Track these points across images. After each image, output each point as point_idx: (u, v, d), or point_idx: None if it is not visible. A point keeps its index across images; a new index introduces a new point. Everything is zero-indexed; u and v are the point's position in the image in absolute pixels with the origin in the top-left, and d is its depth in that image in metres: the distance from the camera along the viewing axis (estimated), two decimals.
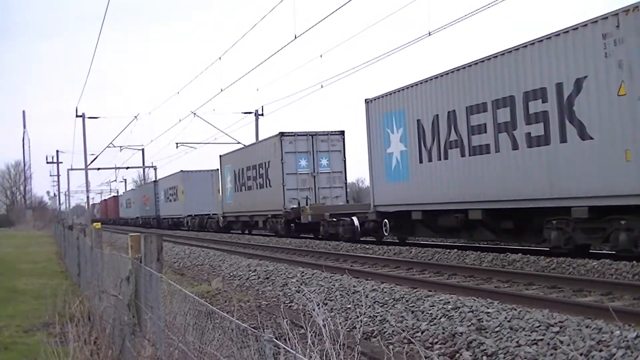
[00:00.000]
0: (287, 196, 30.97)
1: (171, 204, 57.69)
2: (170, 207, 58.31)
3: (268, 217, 33.37)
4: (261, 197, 33.93)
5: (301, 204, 30.53)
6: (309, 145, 31.53)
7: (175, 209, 56.06)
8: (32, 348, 8.68)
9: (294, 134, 31.37)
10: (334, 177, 31.98)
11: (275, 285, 14.74)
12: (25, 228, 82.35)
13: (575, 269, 13.43)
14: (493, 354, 7.54)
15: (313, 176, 31.52)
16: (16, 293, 15.47)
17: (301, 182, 31.37)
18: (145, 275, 5.90)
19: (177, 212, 55.24)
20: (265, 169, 33.42)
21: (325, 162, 31.80)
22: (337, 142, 32.12)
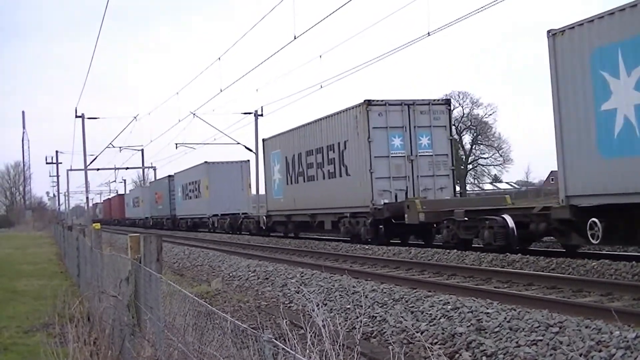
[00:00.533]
0: (377, 187, 23.31)
1: (191, 201, 49.49)
2: (189, 206, 50.08)
3: (343, 216, 25.49)
4: (331, 190, 26.21)
5: (398, 198, 23.16)
6: (404, 118, 23.80)
7: (196, 207, 47.97)
8: (32, 349, 8.68)
9: (384, 102, 23.62)
10: (438, 161, 24.23)
11: (275, 286, 14.74)
12: (25, 229, 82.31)
13: (574, 270, 13.43)
14: (492, 354, 7.55)
15: (410, 160, 23.84)
16: (16, 294, 15.47)
17: (395, 169, 23.70)
18: (145, 276, 5.90)
19: (198, 211, 47.21)
20: (339, 152, 25.49)
21: (425, 142, 24.08)
22: (442, 114, 24.32)
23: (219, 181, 44.22)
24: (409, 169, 23.83)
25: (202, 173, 45.75)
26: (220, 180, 44.22)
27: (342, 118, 25.27)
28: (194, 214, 48.98)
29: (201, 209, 46.37)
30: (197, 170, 47.49)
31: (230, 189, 43.92)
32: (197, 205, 47.42)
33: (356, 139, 24.05)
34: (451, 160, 24.62)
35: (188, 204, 50.50)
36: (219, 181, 44.20)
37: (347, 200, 24.81)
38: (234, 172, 44.59)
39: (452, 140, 24.62)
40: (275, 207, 32.86)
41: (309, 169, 28.53)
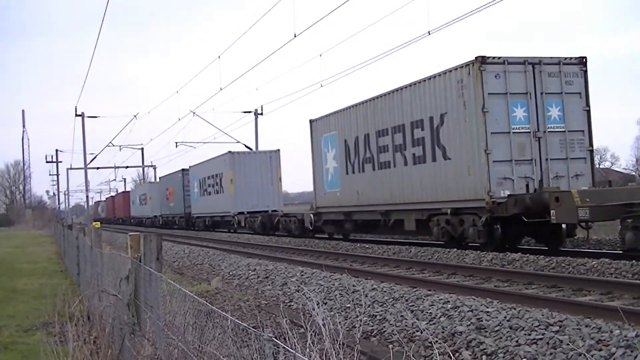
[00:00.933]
0: (495, 175, 17.70)
1: (210, 198, 43.21)
2: (209, 203, 43.51)
3: (437, 213, 19.92)
4: (417, 179, 20.81)
5: (530, 188, 17.80)
6: (528, 82, 18.11)
7: (217, 204, 41.54)
8: (32, 348, 8.68)
9: (502, 59, 17.92)
10: (572, 140, 18.54)
11: (275, 285, 14.74)
12: (25, 227, 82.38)
13: (574, 268, 13.43)
14: (492, 353, 7.55)
15: (537, 138, 18.22)
16: (16, 293, 15.47)
17: (518, 149, 18.04)
18: (145, 275, 5.90)
19: (220, 208, 40.92)
20: (432, 130, 19.82)
21: (556, 114, 18.41)
22: (575, 77, 18.56)
23: (245, 174, 38.31)
24: (536, 149, 18.14)
25: (226, 165, 39.27)
26: (247, 172, 38.38)
27: (436, 85, 19.49)
28: (213, 212, 42.72)
29: (224, 206, 40.05)
30: (218, 161, 40.90)
31: (259, 183, 38.31)
32: (219, 201, 41.17)
33: (461, 111, 18.37)
34: (588, 139, 18.73)
35: (207, 200, 44.14)
36: (246, 174, 38.32)
37: (445, 193, 19.31)
38: (262, 163, 38.65)
39: (589, 111, 18.72)
40: (327, 202, 26.64)
41: (382, 153, 22.59)
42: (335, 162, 26.19)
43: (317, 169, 27.93)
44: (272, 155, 39.20)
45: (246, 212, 37.73)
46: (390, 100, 22.06)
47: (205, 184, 44.34)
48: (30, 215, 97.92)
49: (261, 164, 38.79)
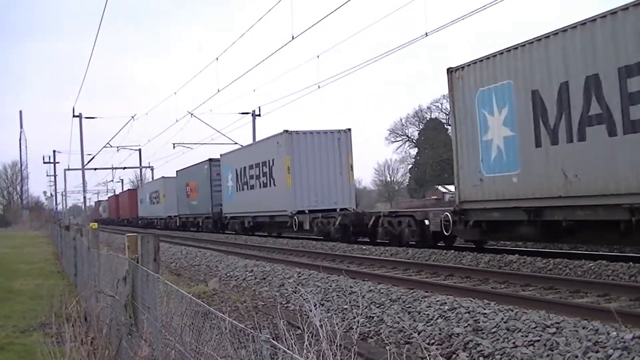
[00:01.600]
0: None
1: (254, 193, 33.82)
2: (251, 199, 34.37)
3: None
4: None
5: None
6: None
7: (265, 200, 32.29)
8: (29, 348, 8.67)
9: None
10: None
11: (272, 286, 14.74)
12: (22, 228, 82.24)
13: (572, 270, 13.45)
14: (490, 354, 7.55)
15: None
16: (13, 293, 15.45)
17: None
18: (142, 276, 5.90)
19: (269, 206, 31.76)
20: None
21: None
22: None
23: (307, 160, 29.64)
24: None
25: (280, 149, 30.19)
26: (309, 159, 29.66)
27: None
28: (258, 211, 33.72)
29: (274, 203, 31.09)
30: (268, 145, 31.97)
31: (324, 173, 29.77)
32: (267, 197, 32.08)
33: None
34: None
35: (247, 196, 35.15)
36: (307, 160, 29.64)
37: None
38: (328, 146, 29.83)
39: None
40: (482, 194, 16.59)
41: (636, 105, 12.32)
42: (508, 130, 15.76)
43: (465, 143, 17.38)
44: (340, 137, 30.01)
45: (307, 211, 28.95)
46: None
47: (246, 176, 35.11)
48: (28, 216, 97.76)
49: (327, 147, 29.77)
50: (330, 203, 29.46)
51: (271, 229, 34.24)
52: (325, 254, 21.21)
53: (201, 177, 44.39)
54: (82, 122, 51.33)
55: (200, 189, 44.83)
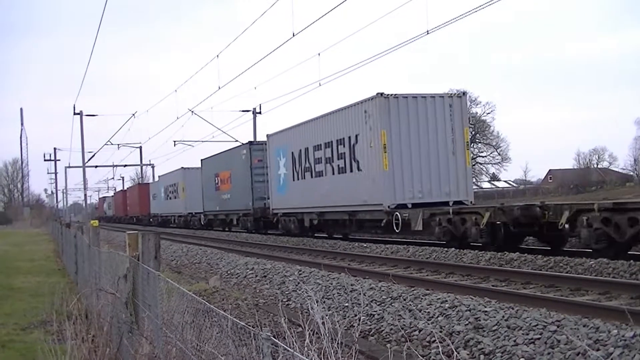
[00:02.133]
0: None
1: (320, 182, 26.37)
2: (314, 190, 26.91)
3: None
4: None
5: None
6: None
7: (339, 192, 24.76)
8: (30, 346, 8.67)
9: None
10: None
11: (273, 284, 14.74)
12: (23, 226, 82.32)
13: (572, 268, 13.44)
14: (490, 352, 7.55)
15: None
16: (13, 291, 15.46)
17: None
18: (143, 273, 5.90)
19: (350, 198, 24.00)
20: None
21: None
22: None
23: (407, 135, 21.90)
24: None
25: (369, 120, 22.33)
26: (411, 133, 21.95)
27: None
28: (328, 205, 25.97)
29: (359, 195, 23.23)
30: (348, 117, 23.80)
31: (434, 153, 22.18)
32: (345, 187, 24.27)
33: None
34: None
35: (311, 186, 27.21)
36: (409, 135, 21.92)
37: None
38: (437, 116, 22.21)
39: None
40: None
41: None
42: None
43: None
44: (453, 103, 22.42)
45: (409, 205, 21.59)
46: None
47: (308, 159, 27.52)
48: (29, 213, 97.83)
49: (435, 117, 22.22)
50: (440, 194, 22.02)
51: (347, 228, 26.30)
52: (326, 252, 21.21)
53: (237, 165, 36.56)
54: (82, 119, 51.29)
55: (236, 180, 36.84)
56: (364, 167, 23.15)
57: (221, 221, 42.17)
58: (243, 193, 35.70)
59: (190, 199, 48.52)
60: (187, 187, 49.66)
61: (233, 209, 38.15)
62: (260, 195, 34.30)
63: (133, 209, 72.64)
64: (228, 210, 39.25)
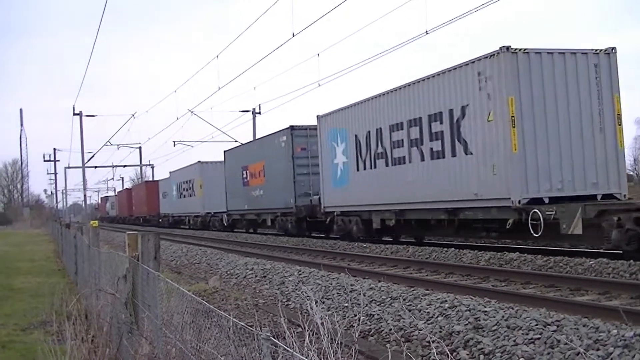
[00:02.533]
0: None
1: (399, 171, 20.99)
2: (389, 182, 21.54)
3: None
4: None
5: None
6: None
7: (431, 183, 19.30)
8: (30, 346, 8.67)
9: None
10: None
11: (273, 284, 14.74)
12: (23, 226, 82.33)
13: (572, 268, 13.44)
14: (490, 352, 7.55)
15: None
16: (13, 291, 15.46)
17: None
18: (143, 274, 5.90)
19: (451, 192, 18.36)
20: None
21: None
22: None
23: (542, 103, 16.53)
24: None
25: (487, 85, 16.95)
26: (547, 100, 16.55)
27: None
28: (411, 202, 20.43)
29: (466, 187, 17.93)
30: (449, 82, 18.37)
31: (575, 129, 16.72)
32: (442, 176, 18.86)
33: None
34: None
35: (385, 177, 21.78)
36: (544, 103, 16.55)
37: None
38: (579, 78, 16.76)
39: None
40: None
41: None
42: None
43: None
44: (600, 62, 16.93)
45: (546, 199, 16.16)
46: None
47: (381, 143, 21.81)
48: (28, 214, 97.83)
49: (576, 79, 16.75)
50: (584, 185, 16.66)
51: (442, 231, 20.55)
52: (325, 252, 21.21)
53: (273, 155, 31.11)
54: (82, 120, 51.30)
55: (272, 173, 31.53)
56: (475, 149, 17.49)
57: (249, 222, 36.78)
58: (282, 188, 29.98)
59: (209, 196, 43.55)
60: (205, 184, 44.30)
61: (267, 208, 32.47)
62: (304, 191, 28.85)
63: (139, 208, 67.68)
64: (260, 209, 33.61)
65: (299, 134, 29.39)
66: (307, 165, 29.10)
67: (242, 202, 36.25)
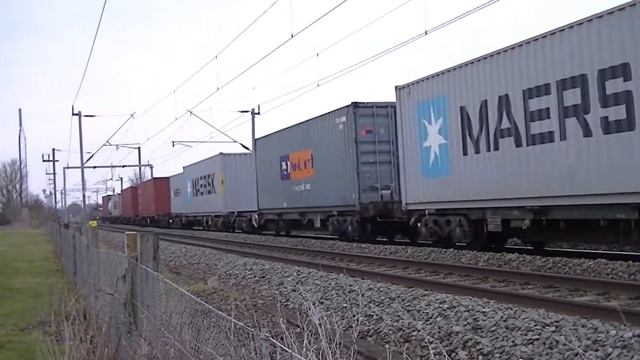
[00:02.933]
0: None
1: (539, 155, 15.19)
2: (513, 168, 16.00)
3: None
4: None
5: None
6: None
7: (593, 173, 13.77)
8: (28, 347, 8.67)
9: None
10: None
11: (272, 284, 14.74)
12: (22, 226, 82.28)
13: (571, 269, 13.45)
14: (489, 353, 7.55)
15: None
16: (12, 291, 15.45)
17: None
18: (142, 274, 5.90)
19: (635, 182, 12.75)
20: None
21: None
22: None
23: None
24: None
25: None
26: None
27: None
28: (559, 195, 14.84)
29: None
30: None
31: None
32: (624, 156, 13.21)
33: None
34: None
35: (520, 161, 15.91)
36: None
37: None
38: None
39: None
40: None
41: None
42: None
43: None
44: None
45: None
46: None
47: (513, 114, 16.10)
48: (27, 214, 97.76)
49: None
50: None
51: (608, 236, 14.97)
52: (324, 253, 21.21)
53: (328, 141, 25.43)
54: (81, 120, 51.23)
55: (325, 163, 25.75)
56: None
57: (289, 223, 30.85)
58: (339, 181, 24.50)
59: (233, 193, 38.06)
60: (227, 179, 38.53)
61: (316, 206, 26.66)
62: (370, 184, 23.38)
63: (147, 208, 62.10)
64: (305, 207, 27.77)
65: (364, 113, 23.55)
66: (374, 152, 23.40)
67: (279, 199, 30.32)
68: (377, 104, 23.79)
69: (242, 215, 37.48)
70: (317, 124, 26.67)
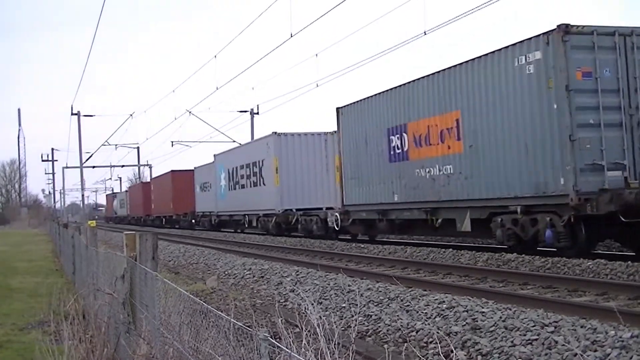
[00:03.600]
0: None
1: None
2: None
3: None
4: None
5: None
6: None
7: None
8: (27, 346, 8.67)
9: None
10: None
11: (270, 284, 14.74)
12: (21, 226, 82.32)
13: (570, 269, 13.45)
14: (488, 353, 7.55)
15: None
16: (11, 291, 15.45)
17: None
18: (140, 274, 5.90)
19: None
20: None
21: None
22: None
23: None
24: None
25: None
26: None
27: None
28: None
29: None
30: None
31: None
32: None
33: None
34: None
35: None
36: None
37: None
38: None
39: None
40: None
41: None
42: None
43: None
44: None
45: None
46: None
47: None
48: (26, 213, 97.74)
49: None
50: None
51: None
52: (323, 253, 21.21)
53: (497, 93, 16.23)
54: (80, 120, 51.23)
55: (488, 130, 16.75)
56: None
57: (402, 224, 21.92)
58: (528, 157, 15.43)
59: (292, 184, 29.90)
60: (283, 166, 30.05)
61: (471, 199, 17.62)
62: (591, 160, 14.34)
63: (162, 206, 53.08)
64: (444, 200, 18.70)
65: (579, 43, 14.45)
66: (597, 108, 14.46)
67: (384, 190, 21.74)
68: (598, 29, 14.67)
69: (310, 214, 28.69)
70: (475, 69, 17.10)
